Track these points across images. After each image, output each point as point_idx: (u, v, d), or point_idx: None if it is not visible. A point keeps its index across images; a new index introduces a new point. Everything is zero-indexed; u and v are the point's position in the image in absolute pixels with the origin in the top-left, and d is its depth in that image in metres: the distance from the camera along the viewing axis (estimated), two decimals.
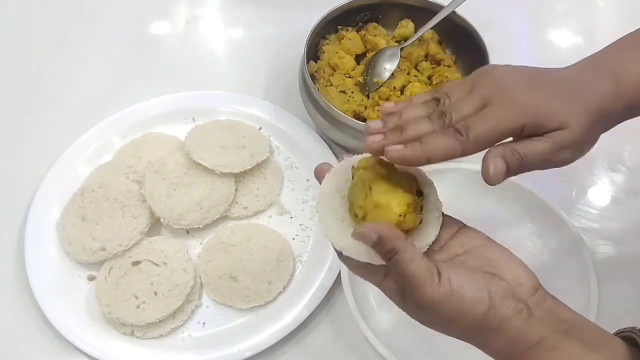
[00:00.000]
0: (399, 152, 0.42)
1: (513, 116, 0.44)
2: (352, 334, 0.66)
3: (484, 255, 0.44)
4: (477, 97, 0.45)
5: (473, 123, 0.43)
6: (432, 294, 0.41)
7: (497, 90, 0.45)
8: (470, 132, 0.43)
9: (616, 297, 0.69)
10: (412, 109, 0.46)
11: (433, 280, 0.41)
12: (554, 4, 1.02)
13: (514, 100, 0.44)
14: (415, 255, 0.42)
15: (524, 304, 0.41)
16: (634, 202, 0.78)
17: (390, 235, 0.42)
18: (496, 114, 0.44)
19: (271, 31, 0.95)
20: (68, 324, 0.65)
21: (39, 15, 0.95)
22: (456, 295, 0.41)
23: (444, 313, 0.41)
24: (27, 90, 0.87)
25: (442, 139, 0.43)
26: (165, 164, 0.74)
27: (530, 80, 0.46)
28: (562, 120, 0.44)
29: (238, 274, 0.68)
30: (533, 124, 0.44)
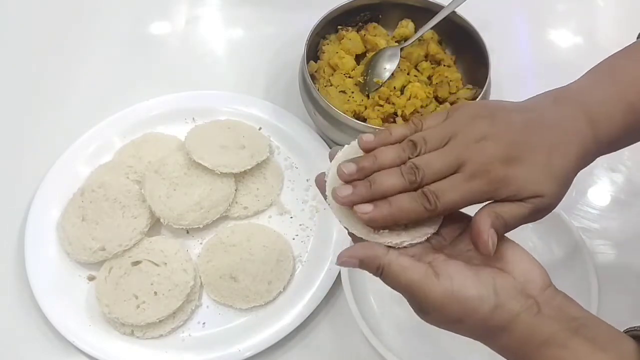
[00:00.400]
0: (367, 215, 0.43)
1: (484, 189, 0.43)
2: (352, 334, 0.66)
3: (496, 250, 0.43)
4: (452, 156, 0.44)
5: (442, 193, 0.43)
6: (431, 296, 0.41)
7: (472, 153, 0.44)
8: (438, 203, 0.43)
9: (616, 297, 0.69)
10: (387, 152, 0.45)
11: (431, 282, 0.41)
12: (554, 4, 1.02)
13: (487, 170, 0.43)
14: (404, 263, 0.42)
15: (533, 300, 0.41)
16: (634, 202, 0.79)
17: (370, 256, 0.42)
18: (467, 185, 0.43)
19: (271, 31, 0.95)
20: (68, 324, 0.65)
21: (39, 15, 0.95)
22: (459, 294, 0.40)
23: (448, 314, 0.41)
24: (27, 90, 0.87)
25: (410, 204, 0.43)
26: (165, 164, 0.74)
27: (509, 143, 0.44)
28: (540, 190, 0.44)
29: (238, 274, 0.68)
30: (507, 194, 0.44)
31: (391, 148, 0.46)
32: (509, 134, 0.45)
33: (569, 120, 0.47)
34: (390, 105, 0.76)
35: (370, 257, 0.42)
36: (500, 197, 0.44)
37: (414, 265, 0.42)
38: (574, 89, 0.50)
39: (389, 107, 0.75)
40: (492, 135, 0.45)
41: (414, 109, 0.75)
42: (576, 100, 0.48)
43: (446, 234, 0.46)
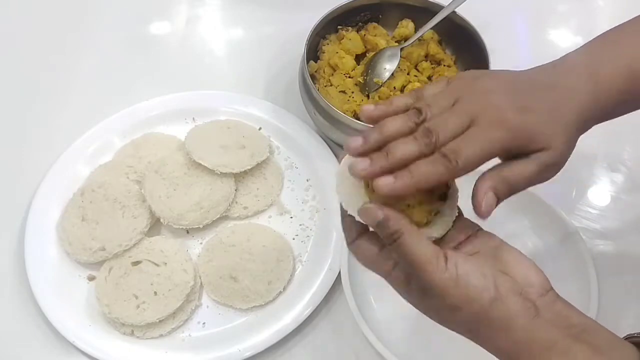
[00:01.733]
0: (389, 187, 0.41)
1: (500, 138, 0.43)
2: (352, 334, 0.66)
3: (496, 256, 0.43)
4: (462, 113, 0.43)
5: (461, 147, 0.42)
6: (437, 277, 0.40)
7: (483, 107, 0.44)
8: (459, 159, 0.42)
9: (616, 297, 0.69)
10: (392, 122, 0.44)
11: (439, 263, 0.41)
12: (554, 4, 1.02)
13: (501, 119, 0.43)
14: (420, 238, 0.42)
15: (532, 303, 0.41)
16: (634, 202, 0.78)
17: (395, 217, 0.42)
18: (484, 136, 0.43)
19: (271, 31, 0.95)
20: (68, 324, 0.65)
21: (39, 15, 0.95)
22: (462, 280, 0.40)
23: (449, 299, 0.41)
24: (27, 90, 0.87)
25: (430, 167, 0.42)
26: (165, 164, 0.74)
27: (515, 99, 0.45)
28: (547, 142, 0.44)
29: (238, 274, 0.68)
30: (519, 145, 0.44)
31: (396, 117, 0.44)
32: (515, 88, 0.46)
33: (572, 77, 0.47)
34: None
35: (395, 218, 0.42)
36: (515, 145, 0.43)
37: (430, 243, 0.42)
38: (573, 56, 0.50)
39: None
40: (498, 89, 0.45)
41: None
42: (577, 63, 0.49)
43: (450, 240, 0.46)
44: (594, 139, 0.83)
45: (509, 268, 0.42)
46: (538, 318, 0.40)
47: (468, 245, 0.45)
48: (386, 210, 0.42)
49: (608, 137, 0.84)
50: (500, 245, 0.44)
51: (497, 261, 0.43)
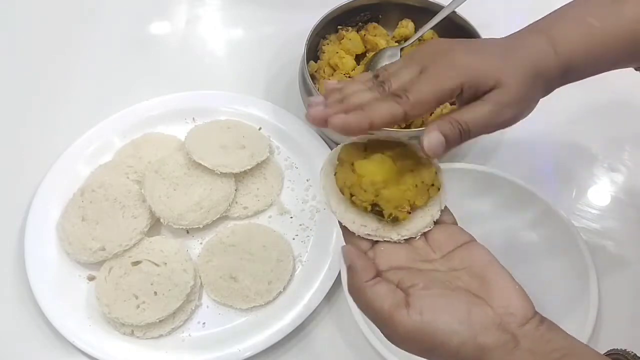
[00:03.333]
0: (341, 119, 0.43)
1: (450, 76, 0.44)
2: (352, 334, 0.66)
3: (482, 276, 0.42)
4: (414, 65, 0.45)
5: (412, 87, 0.44)
6: (401, 327, 0.40)
7: (433, 56, 0.46)
8: (409, 95, 0.43)
9: (616, 297, 0.69)
10: (353, 84, 0.46)
11: (399, 313, 0.40)
12: (554, 4, 1.02)
13: (450, 61, 0.45)
14: (378, 290, 0.41)
15: (511, 335, 0.39)
16: (634, 202, 0.79)
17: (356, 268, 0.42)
18: (433, 76, 0.44)
19: (271, 31, 0.95)
20: (68, 324, 0.65)
21: (39, 15, 0.95)
22: (428, 327, 0.39)
23: (418, 345, 0.40)
24: (27, 90, 0.87)
25: (383, 104, 0.43)
26: (165, 164, 0.74)
27: (467, 45, 0.48)
28: (498, 77, 0.45)
29: (238, 274, 0.68)
30: (470, 83, 0.44)
31: (356, 81, 0.47)
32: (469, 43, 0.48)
33: (527, 39, 0.49)
34: None
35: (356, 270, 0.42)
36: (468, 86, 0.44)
37: (389, 293, 0.41)
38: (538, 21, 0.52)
39: None
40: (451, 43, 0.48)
41: None
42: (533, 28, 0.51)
43: (438, 247, 0.45)
44: (594, 138, 0.84)
45: (491, 292, 0.41)
46: (517, 349, 0.39)
47: (456, 258, 0.44)
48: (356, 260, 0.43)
49: (608, 137, 0.84)
50: (489, 264, 0.43)
51: (481, 283, 0.42)
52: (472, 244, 0.45)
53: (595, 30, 0.50)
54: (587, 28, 0.50)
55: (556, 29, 0.49)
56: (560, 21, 0.51)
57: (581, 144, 0.83)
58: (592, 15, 0.50)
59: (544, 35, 0.49)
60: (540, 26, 0.51)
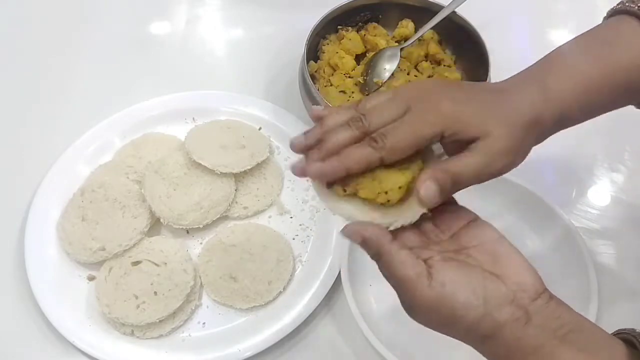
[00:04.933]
0: (318, 170, 0.43)
1: (431, 123, 0.44)
2: (352, 334, 0.66)
3: (493, 252, 0.43)
4: (397, 104, 0.45)
5: (390, 131, 0.43)
6: (421, 297, 0.41)
7: (419, 97, 0.45)
8: (386, 140, 0.43)
9: (616, 297, 0.69)
10: (335, 115, 0.46)
11: (422, 283, 0.41)
12: (554, 4, 1.02)
13: (434, 107, 0.44)
14: (401, 257, 0.42)
15: (524, 310, 0.41)
16: (634, 202, 0.79)
17: (374, 237, 0.42)
18: (414, 121, 0.44)
19: (271, 31, 0.95)
20: (68, 324, 0.65)
21: (39, 15, 0.95)
22: (448, 299, 0.40)
23: (437, 316, 0.41)
24: (27, 90, 0.87)
25: (358, 150, 0.43)
26: (165, 164, 0.74)
27: (455, 90, 0.47)
28: (483, 128, 0.44)
29: (238, 274, 0.68)
30: (451, 131, 0.44)
31: (338, 112, 0.46)
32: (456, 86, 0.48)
33: (518, 86, 0.48)
34: None
35: (374, 239, 0.42)
36: (448, 133, 0.44)
37: (412, 262, 0.42)
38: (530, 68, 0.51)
39: None
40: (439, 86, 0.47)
41: None
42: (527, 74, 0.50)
43: (446, 228, 0.46)
44: (594, 139, 0.84)
45: (503, 268, 0.42)
46: (529, 324, 0.40)
47: (467, 235, 0.45)
48: (367, 230, 0.43)
49: (608, 137, 0.84)
50: (499, 241, 0.44)
51: (492, 259, 0.43)
52: (479, 222, 0.46)
53: (588, 79, 0.49)
54: (580, 76, 0.49)
55: (549, 78, 0.49)
56: (553, 69, 0.50)
57: (581, 144, 0.83)
58: (584, 62, 0.50)
59: (536, 84, 0.48)
60: (532, 74, 0.50)
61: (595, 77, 0.49)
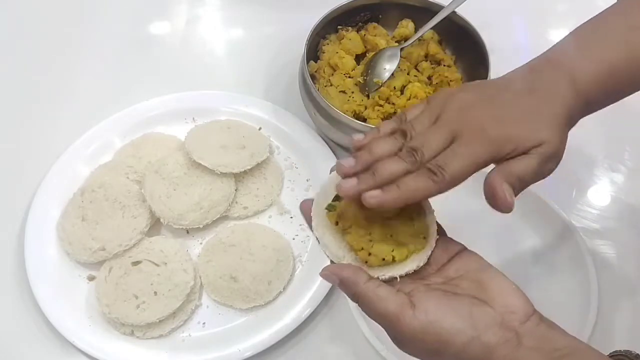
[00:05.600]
0: (377, 199, 0.42)
1: (485, 150, 0.44)
2: (352, 334, 0.66)
3: (478, 280, 0.43)
4: (444, 130, 0.45)
5: (446, 162, 0.43)
6: (406, 328, 0.40)
7: (463, 122, 0.45)
8: (445, 173, 0.42)
9: (616, 296, 0.69)
10: (381, 143, 0.45)
11: (405, 314, 0.40)
12: (554, 4, 1.02)
13: (482, 133, 0.44)
14: (380, 294, 0.42)
15: (514, 332, 0.40)
16: (634, 202, 0.79)
17: (349, 280, 0.42)
18: (468, 150, 0.44)
19: (271, 31, 0.95)
20: (68, 324, 0.65)
21: (39, 15, 0.95)
22: (433, 326, 0.40)
23: (424, 345, 0.41)
24: (27, 90, 0.87)
25: (418, 181, 0.43)
26: (165, 164, 0.74)
27: (493, 106, 0.46)
28: (537, 138, 0.45)
29: (238, 274, 0.68)
30: (504, 152, 0.44)
31: (383, 139, 0.46)
32: (493, 100, 0.47)
33: (549, 82, 0.48)
34: (390, 105, 0.76)
35: (350, 280, 0.43)
36: (502, 155, 0.44)
37: (391, 296, 0.42)
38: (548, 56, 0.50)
39: (388, 107, 0.75)
40: (477, 102, 0.46)
41: None
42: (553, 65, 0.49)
43: (433, 262, 0.46)
44: (594, 139, 0.84)
45: (490, 294, 0.42)
46: (520, 346, 0.40)
47: (451, 268, 0.45)
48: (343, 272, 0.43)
49: (608, 137, 0.84)
50: (484, 269, 0.44)
51: (478, 287, 0.42)
52: (464, 253, 0.46)
53: (613, 63, 0.49)
54: (607, 65, 0.49)
55: (576, 67, 0.48)
56: (578, 57, 0.49)
57: (581, 144, 0.83)
58: (610, 49, 0.50)
59: (564, 74, 0.48)
60: (557, 59, 0.49)
61: (619, 61, 0.49)
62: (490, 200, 0.44)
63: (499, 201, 0.43)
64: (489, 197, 0.44)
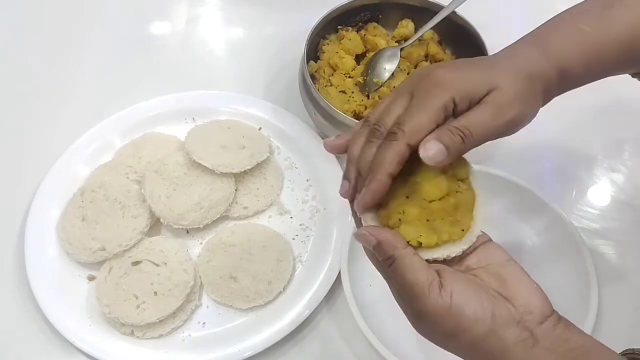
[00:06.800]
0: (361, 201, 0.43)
1: (438, 94, 0.43)
2: (352, 334, 0.66)
3: (499, 274, 0.43)
4: (401, 96, 0.45)
5: (402, 119, 0.43)
6: (429, 305, 0.40)
7: (418, 81, 0.45)
8: (404, 128, 0.42)
9: (616, 297, 0.69)
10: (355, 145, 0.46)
11: (432, 291, 0.40)
12: (554, 4, 1.01)
13: (435, 80, 0.44)
14: (414, 264, 0.41)
15: (530, 332, 0.40)
16: (634, 202, 0.79)
17: (389, 241, 0.42)
18: (422, 98, 0.43)
19: (271, 31, 0.95)
20: (68, 324, 0.65)
21: (39, 15, 0.95)
22: (456, 310, 0.40)
23: (442, 327, 0.40)
24: (27, 90, 0.87)
25: (385, 152, 0.42)
26: (165, 164, 0.74)
27: (452, 64, 0.47)
28: (490, 82, 0.44)
29: (238, 274, 0.68)
30: (461, 95, 0.43)
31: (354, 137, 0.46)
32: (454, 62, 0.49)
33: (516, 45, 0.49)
34: None
35: (389, 243, 0.42)
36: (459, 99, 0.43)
37: (424, 269, 0.41)
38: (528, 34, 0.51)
39: None
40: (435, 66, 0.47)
41: None
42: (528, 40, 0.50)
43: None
44: (594, 139, 0.84)
45: (510, 291, 0.42)
46: (536, 347, 0.39)
47: (474, 257, 0.44)
48: (382, 234, 0.42)
49: (608, 138, 0.84)
50: (506, 263, 0.44)
51: (500, 282, 0.42)
52: (488, 244, 0.45)
53: (588, 37, 0.49)
54: (580, 35, 0.49)
55: (548, 38, 0.49)
56: (552, 31, 0.50)
57: (581, 145, 0.83)
58: (583, 22, 0.50)
59: (536, 45, 0.49)
60: (532, 38, 0.50)
61: (597, 36, 0.49)
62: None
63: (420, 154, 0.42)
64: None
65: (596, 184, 0.80)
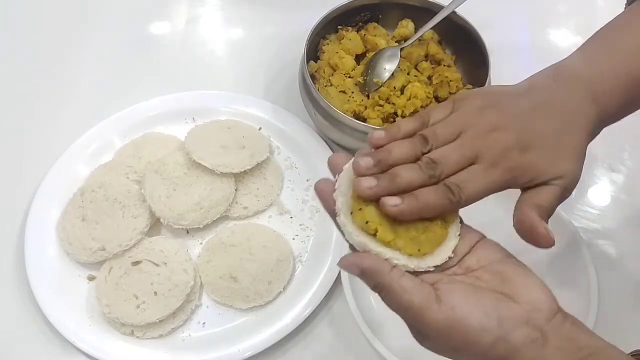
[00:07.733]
0: (397, 209, 0.41)
1: (503, 177, 0.44)
2: (352, 334, 0.66)
3: (501, 273, 0.42)
4: (466, 148, 0.44)
5: (464, 184, 0.43)
6: (431, 324, 0.39)
7: (486, 144, 0.45)
8: (462, 193, 0.43)
9: (616, 297, 0.69)
10: (400, 147, 0.44)
11: (430, 307, 0.39)
12: (554, 4, 1.02)
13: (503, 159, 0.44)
14: (404, 286, 0.40)
15: (540, 331, 0.39)
16: (634, 202, 0.79)
17: (372, 269, 0.40)
18: (487, 174, 0.44)
19: (271, 31, 0.95)
20: (68, 324, 0.65)
21: (39, 15, 0.95)
22: (460, 323, 0.39)
23: (449, 342, 0.40)
24: (27, 90, 0.87)
25: (435, 197, 0.42)
26: (165, 164, 0.74)
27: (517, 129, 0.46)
28: (558, 171, 0.45)
29: (238, 274, 0.68)
30: (523, 180, 0.45)
31: (403, 142, 0.45)
32: (518, 121, 0.46)
33: (574, 100, 0.48)
34: (390, 105, 0.76)
35: (373, 270, 0.40)
36: (520, 183, 0.45)
37: (417, 287, 0.40)
38: (572, 65, 0.50)
39: (389, 107, 0.75)
40: (503, 125, 0.46)
41: (414, 109, 0.75)
42: (577, 78, 0.49)
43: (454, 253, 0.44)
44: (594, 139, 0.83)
45: (514, 288, 0.41)
46: (546, 346, 0.39)
47: (473, 257, 0.44)
48: (364, 260, 0.41)
49: (608, 137, 0.84)
50: (506, 260, 0.43)
51: (501, 280, 0.41)
52: (484, 242, 0.45)
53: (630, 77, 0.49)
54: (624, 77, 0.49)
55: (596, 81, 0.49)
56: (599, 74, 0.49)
57: None
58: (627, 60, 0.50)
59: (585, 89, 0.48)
60: (579, 72, 0.49)
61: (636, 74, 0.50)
62: (528, 238, 0.44)
63: (542, 239, 0.43)
64: (526, 233, 0.44)
65: (596, 184, 0.80)
